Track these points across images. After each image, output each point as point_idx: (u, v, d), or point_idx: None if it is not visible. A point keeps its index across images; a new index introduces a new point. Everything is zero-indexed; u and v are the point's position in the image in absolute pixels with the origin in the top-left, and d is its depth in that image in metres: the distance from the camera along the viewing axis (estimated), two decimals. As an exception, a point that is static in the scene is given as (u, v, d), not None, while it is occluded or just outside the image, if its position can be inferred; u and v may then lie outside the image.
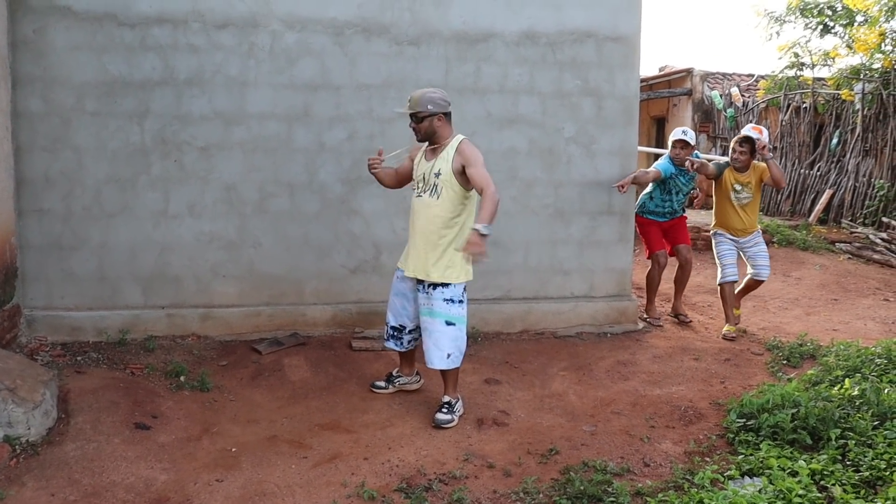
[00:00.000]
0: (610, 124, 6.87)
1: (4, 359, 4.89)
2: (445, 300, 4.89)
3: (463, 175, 4.78)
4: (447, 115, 4.89)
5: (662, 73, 19.52)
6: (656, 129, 20.07)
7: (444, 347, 4.91)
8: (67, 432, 4.46)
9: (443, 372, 5.04)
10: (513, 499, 3.99)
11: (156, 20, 6.00)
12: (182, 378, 5.44)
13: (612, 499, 3.91)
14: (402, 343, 5.24)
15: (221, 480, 4.10)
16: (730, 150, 7.15)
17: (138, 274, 6.19)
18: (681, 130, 7.34)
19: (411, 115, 4.88)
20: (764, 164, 6.95)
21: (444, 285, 4.88)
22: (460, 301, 4.96)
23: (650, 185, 7.46)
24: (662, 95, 18.61)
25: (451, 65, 6.53)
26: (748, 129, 7.00)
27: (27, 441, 4.27)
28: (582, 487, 3.99)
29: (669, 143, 7.38)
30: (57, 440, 4.37)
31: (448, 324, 4.90)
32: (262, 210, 6.34)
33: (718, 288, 7.34)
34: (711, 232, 7.44)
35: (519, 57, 6.64)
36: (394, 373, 5.48)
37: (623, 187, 6.78)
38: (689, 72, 18.15)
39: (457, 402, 5.05)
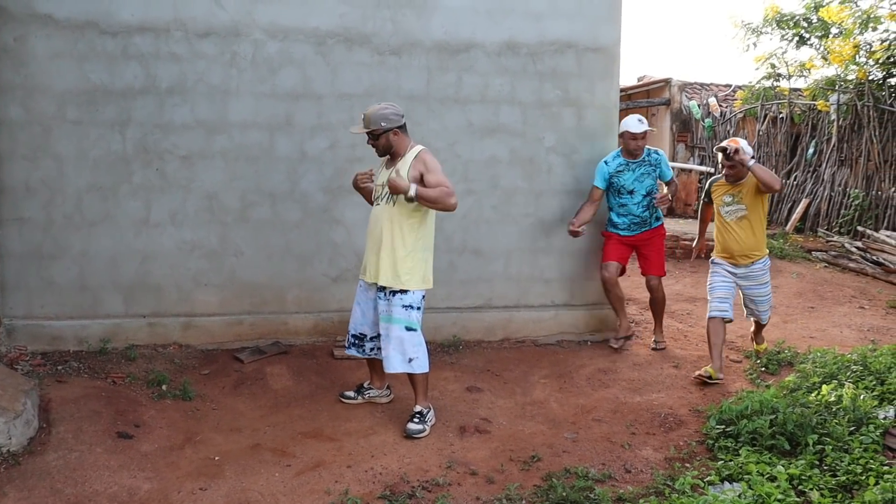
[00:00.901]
0: (590, 134, 6.93)
1: (-16, 368, 4.86)
2: (405, 306, 4.95)
3: (421, 183, 4.86)
4: (402, 127, 4.99)
5: (641, 82, 19.71)
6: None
7: (407, 352, 4.95)
8: (49, 442, 4.45)
9: (412, 380, 5.07)
10: (496, 505, 4.02)
11: (137, 29, 6.00)
12: (164, 387, 5.43)
13: (593, 505, 3.95)
14: (363, 350, 5.28)
15: (205, 489, 4.10)
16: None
17: (119, 283, 6.16)
18: (636, 119, 6.64)
19: (368, 134, 4.98)
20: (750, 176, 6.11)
21: (403, 291, 4.95)
22: (418, 308, 5.02)
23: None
24: (641, 105, 18.78)
25: (433, 74, 6.58)
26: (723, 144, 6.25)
27: (8, 451, 4.24)
28: (564, 494, 4.03)
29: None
30: (38, 450, 4.35)
31: (408, 329, 4.96)
32: (244, 219, 6.34)
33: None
34: (710, 260, 6.49)
35: (500, 67, 6.69)
36: (365, 384, 5.50)
37: (577, 232, 6.52)
38: (667, 82, 18.34)
39: (428, 412, 5.07)
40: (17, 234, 5.94)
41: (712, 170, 16.26)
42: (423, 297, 5.07)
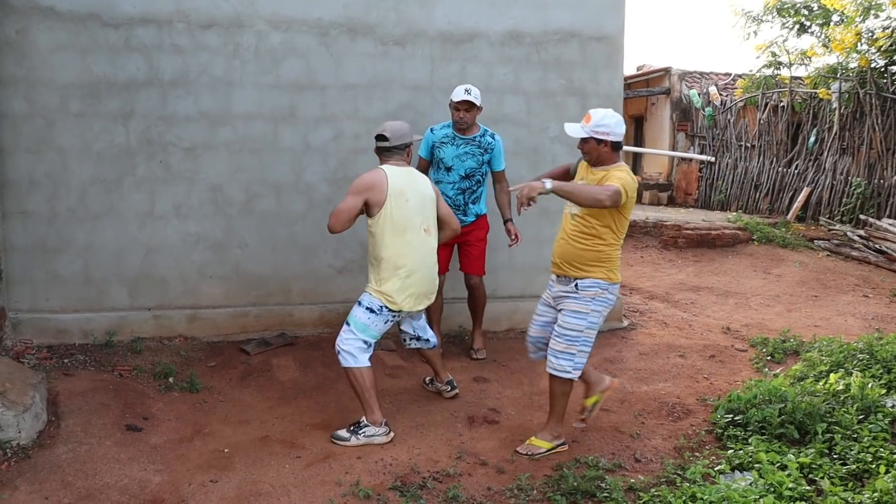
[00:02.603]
0: (594, 123, 6.90)
1: (-8, 362, 4.85)
2: (359, 303, 4.77)
3: None
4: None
5: (640, 72, 19.63)
6: (634, 128, 20.18)
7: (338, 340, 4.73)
8: (58, 435, 4.44)
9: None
10: (507, 495, 4.01)
11: (140, 20, 5.97)
12: (171, 379, 5.43)
13: (605, 494, 3.95)
14: (428, 342, 5.15)
15: (216, 481, 4.09)
16: None
17: (124, 275, 6.15)
18: (463, 90, 5.78)
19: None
20: (614, 170, 4.47)
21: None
22: (370, 310, 4.70)
23: None
24: (640, 94, 18.73)
25: (437, 65, 6.55)
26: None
27: (18, 444, 4.24)
28: (575, 483, 4.03)
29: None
30: (48, 443, 4.35)
31: (348, 323, 4.72)
32: (249, 210, 6.33)
33: None
34: None
35: (504, 57, 6.67)
36: (426, 380, 5.61)
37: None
38: (667, 71, 18.27)
39: (367, 427, 4.69)
40: (21, 228, 5.92)
41: (712, 158, 16.26)
42: (381, 306, 4.69)
